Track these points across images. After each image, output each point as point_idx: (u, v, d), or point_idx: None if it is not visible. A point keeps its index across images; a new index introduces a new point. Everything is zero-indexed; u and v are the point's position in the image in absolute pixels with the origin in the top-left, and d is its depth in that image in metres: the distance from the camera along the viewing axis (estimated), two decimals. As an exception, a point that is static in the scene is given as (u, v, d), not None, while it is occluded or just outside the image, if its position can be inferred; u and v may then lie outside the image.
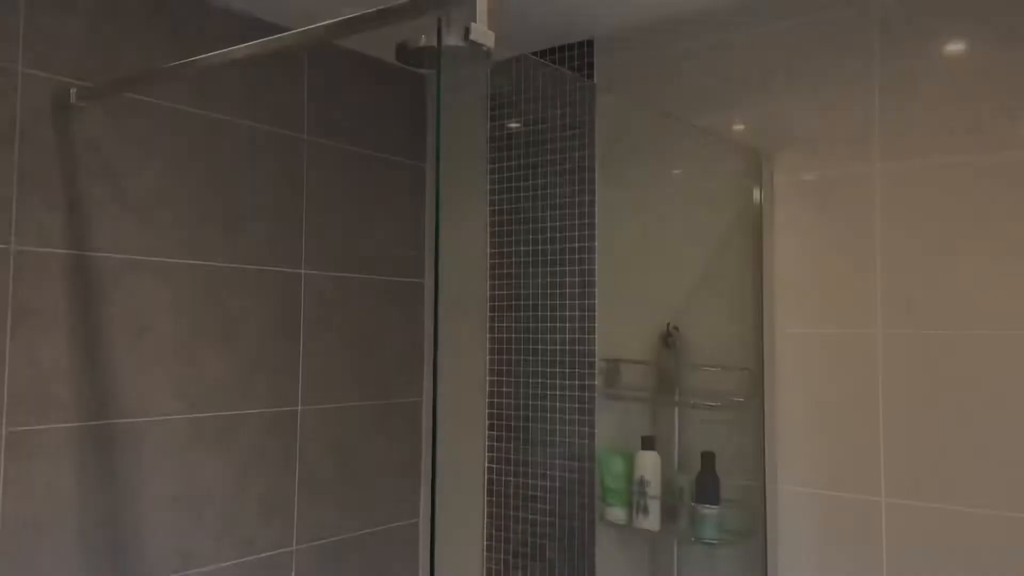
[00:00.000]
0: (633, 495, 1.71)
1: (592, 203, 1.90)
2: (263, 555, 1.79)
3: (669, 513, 1.71)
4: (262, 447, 1.79)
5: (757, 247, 1.66)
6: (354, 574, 1.97)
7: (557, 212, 1.96)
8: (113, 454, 1.55)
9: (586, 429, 1.89)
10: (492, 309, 2.08)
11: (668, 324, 1.77)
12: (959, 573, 1.43)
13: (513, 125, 2.04)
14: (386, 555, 2.05)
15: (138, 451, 1.58)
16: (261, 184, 1.80)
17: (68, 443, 1.48)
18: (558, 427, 1.94)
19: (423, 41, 1.01)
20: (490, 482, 2.05)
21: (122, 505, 1.55)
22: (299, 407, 1.87)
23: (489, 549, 2.03)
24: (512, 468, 2.02)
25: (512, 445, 2.02)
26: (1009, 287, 1.42)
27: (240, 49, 1.27)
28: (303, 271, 1.88)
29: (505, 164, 2.07)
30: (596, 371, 1.87)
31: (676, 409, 1.73)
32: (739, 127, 1.71)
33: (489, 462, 2.06)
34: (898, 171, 1.53)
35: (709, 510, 1.61)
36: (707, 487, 1.62)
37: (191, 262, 1.67)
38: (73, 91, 1.47)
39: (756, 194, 1.66)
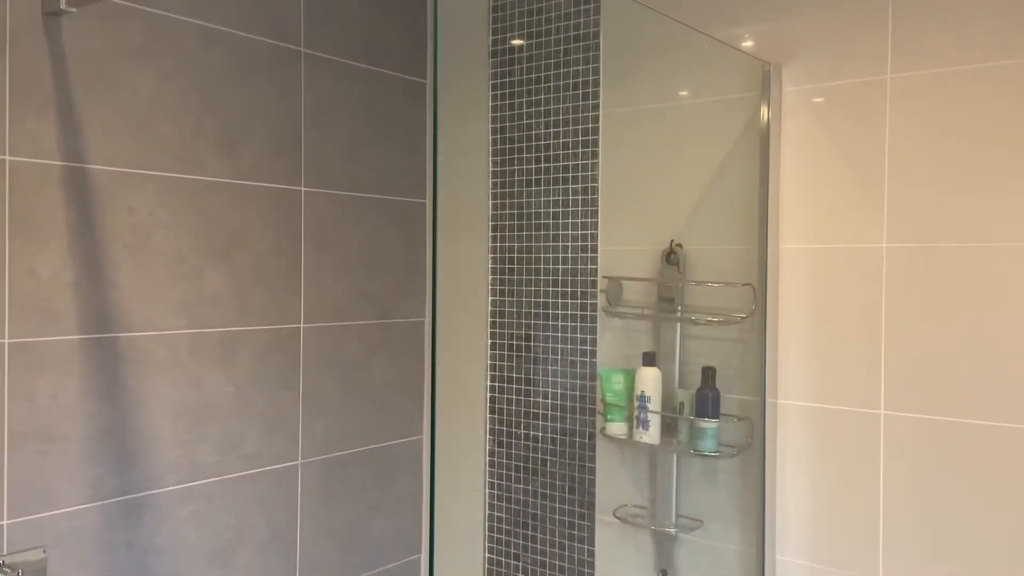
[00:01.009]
0: (633, 410, 1.73)
1: (596, 119, 1.87)
2: (269, 468, 1.82)
3: (669, 427, 1.72)
4: (264, 363, 1.80)
5: (763, 162, 1.63)
6: (360, 488, 2.01)
7: (560, 129, 1.93)
8: (116, 367, 1.56)
9: (587, 347, 1.90)
10: (494, 229, 2.07)
11: (671, 241, 1.75)
12: (956, 484, 1.44)
13: (516, 41, 1.99)
14: (391, 470, 2.09)
15: (140, 365, 1.59)
16: (258, 98, 1.77)
17: (71, 355, 1.49)
18: (560, 345, 1.95)
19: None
20: (492, 400, 2.07)
21: (127, 417, 1.57)
22: (301, 325, 1.88)
23: (491, 464, 2.07)
24: (514, 386, 2.03)
25: (514, 363, 2.03)
26: (1021, 199, 1.40)
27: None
28: (302, 188, 1.86)
29: (507, 80, 2.03)
30: (598, 289, 1.86)
31: (678, 325, 1.73)
32: (747, 42, 1.66)
33: (491, 380, 2.07)
34: (910, 81, 1.49)
35: (708, 424, 1.63)
36: (707, 401, 1.63)
37: (188, 177, 1.65)
38: (62, -4, 1.43)
39: (763, 110, 1.63)
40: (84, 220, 1.50)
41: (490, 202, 2.07)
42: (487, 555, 2.07)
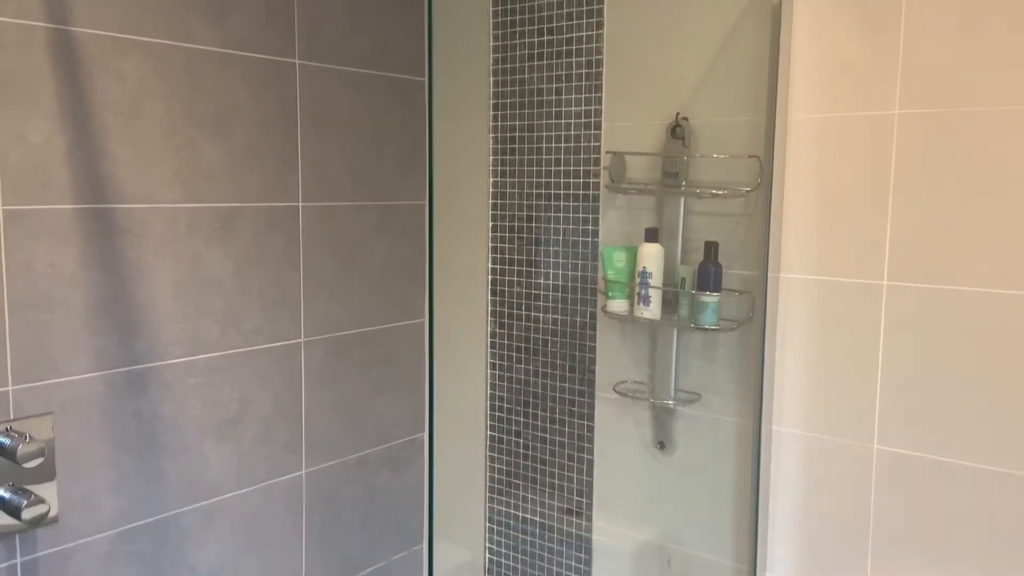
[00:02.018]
0: (635, 287, 1.72)
1: (601, -13, 1.79)
2: (271, 345, 1.83)
3: (669, 303, 1.72)
4: (263, 241, 1.79)
5: (775, 28, 1.57)
6: (362, 368, 2.03)
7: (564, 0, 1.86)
8: (113, 239, 1.54)
9: (589, 227, 1.88)
10: (495, 108, 2.02)
11: (677, 115, 1.71)
12: (956, 353, 1.45)
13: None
14: (393, 352, 2.11)
15: (138, 238, 1.58)
16: (248, -38, 1.69)
17: (67, 225, 1.48)
18: (561, 225, 1.93)
19: None
20: (493, 282, 2.07)
21: (127, 289, 1.57)
22: (299, 203, 1.86)
23: (492, 346, 2.08)
24: (515, 268, 2.03)
25: (515, 245, 2.02)
26: (1038, 60, 1.35)
27: None
28: (297, 61, 1.80)
29: (508, -53, 1.94)
30: (601, 167, 1.83)
31: (681, 200, 1.71)
32: None
33: (492, 263, 2.07)
34: (932, -64, 1.41)
35: (709, 297, 1.62)
36: (708, 275, 1.62)
37: (180, 44, 1.59)
38: None
39: (776, -27, 1.56)
40: (73, 85, 1.46)
41: (491, 79, 2.01)
42: (488, 432, 2.11)
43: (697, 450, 1.75)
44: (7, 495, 1.43)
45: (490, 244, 2.06)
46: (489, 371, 2.10)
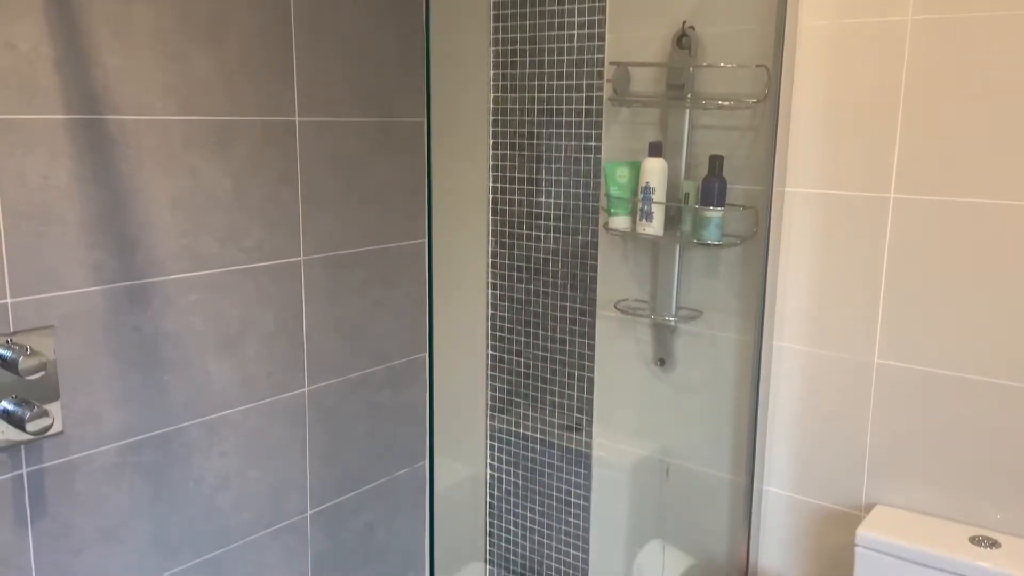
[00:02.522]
0: (637, 203, 1.70)
1: None
2: (271, 263, 1.82)
3: (672, 220, 1.70)
4: (260, 156, 1.76)
5: (786, -70, 1.51)
6: (363, 287, 2.02)
7: (567, -98, 1.78)
8: (107, 151, 1.52)
9: (592, 143, 1.84)
10: (495, 20, 1.96)
11: (683, 23, 1.66)
12: (961, 265, 1.43)
13: None
14: (394, 271, 2.10)
15: (132, 150, 1.55)
16: None
17: (59, 136, 1.45)
18: (563, 142, 1.89)
19: None
20: (494, 201, 2.05)
21: (123, 203, 1.55)
22: (295, 118, 1.82)
23: (494, 266, 2.07)
24: (516, 186, 2.00)
25: (516, 163, 1.98)
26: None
27: None
28: (291, -32, 1.74)
29: None
30: (604, 79, 1.78)
31: (686, 113, 1.67)
32: None
33: (493, 181, 2.04)
34: None
35: (713, 212, 1.60)
36: (713, 189, 1.60)
37: (167, -53, 1.54)
38: None
39: None
40: (58, -11, 1.41)
41: (491, -10, 1.95)
42: (489, 352, 2.12)
43: (697, 367, 1.75)
44: (11, 407, 1.44)
45: (491, 162, 2.03)
46: (490, 291, 2.09)
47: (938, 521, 1.47)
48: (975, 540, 1.39)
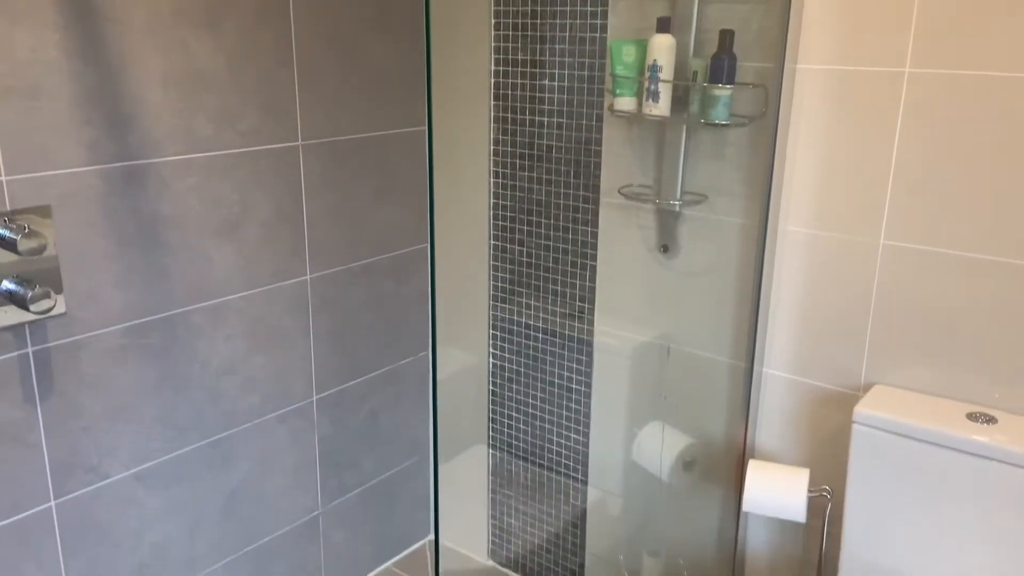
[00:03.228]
0: (644, 82, 1.65)
1: None
2: (269, 147, 1.78)
3: (679, 101, 1.66)
4: (254, 34, 1.70)
5: None
6: (363, 174, 1.99)
7: None
8: (94, 25, 1.46)
9: (598, 21, 1.78)
10: None
11: None
12: (974, 142, 1.40)
13: None
14: (394, 159, 2.06)
15: (121, 24, 1.49)
16: None
17: (44, 7, 1.39)
18: (568, 20, 1.82)
19: None
20: (496, 86, 1.99)
21: (114, 80, 1.50)
22: (291, -6, 1.75)
23: (496, 153, 2.03)
24: (519, 69, 1.94)
25: (519, 44, 1.92)
26: None
27: None
28: None
29: None
30: (611, -48, 1.71)
31: (696, -14, 1.60)
32: None
33: (495, 64, 1.98)
34: None
35: (721, 91, 1.56)
36: (722, 67, 1.55)
37: None
38: None
39: None
40: None
41: None
42: (492, 242, 2.10)
43: (701, 252, 1.74)
44: (12, 287, 1.43)
45: (492, 44, 1.96)
46: (492, 179, 2.06)
47: (936, 399, 1.49)
48: (972, 416, 1.41)
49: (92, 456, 1.59)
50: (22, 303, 1.43)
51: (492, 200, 2.07)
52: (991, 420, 1.40)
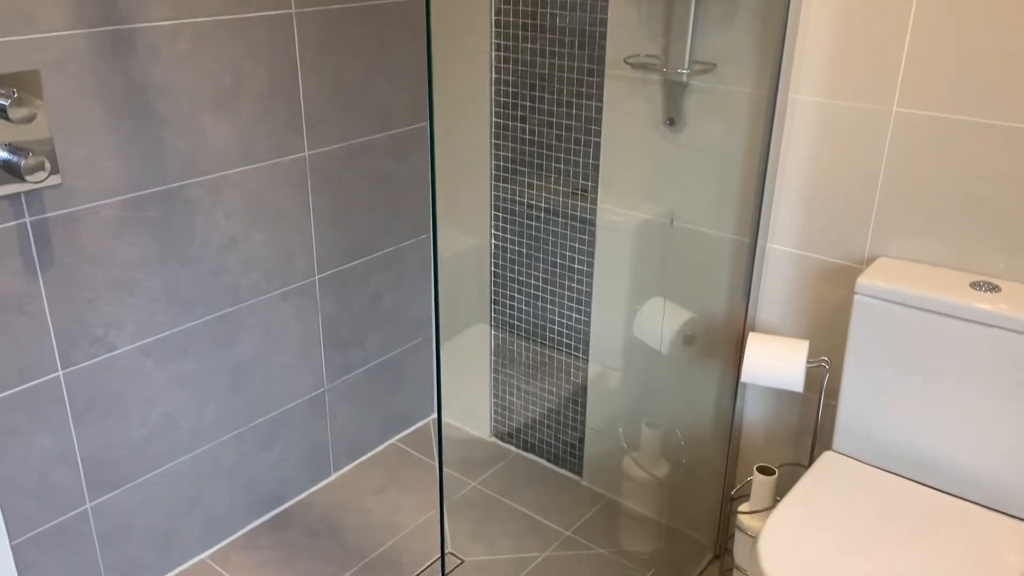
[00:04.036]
0: (652, -57, 1.57)
1: None
2: (261, 14, 1.72)
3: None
4: None
5: None
6: (358, 47, 1.93)
7: None
8: None
9: None
10: None
11: None
12: (989, 6, 1.34)
13: None
14: (390, 31, 1.99)
15: None
16: None
17: None
18: None
19: None
20: (498, -49, 1.90)
21: (97, -64, 1.43)
22: None
23: (498, 24, 1.96)
24: (521, -68, 1.85)
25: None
26: None
27: None
28: None
29: None
30: None
31: None
32: None
33: (496, -72, 1.88)
34: None
35: (735, -52, 1.48)
36: (736, -78, 1.47)
37: None
38: None
39: None
40: None
41: None
42: (493, 119, 2.05)
43: (708, 125, 1.70)
44: (6, 155, 1.41)
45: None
46: (493, 52, 1.99)
47: (939, 270, 1.48)
48: (975, 285, 1.41)
49: (97, 328, 1.60)
50: (16, 172, 1.41)
51: (493, 75, 2.01)
52: (994, 288, 1.39)
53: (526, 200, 2.07)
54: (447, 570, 1.91)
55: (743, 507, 1.71)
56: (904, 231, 1.53)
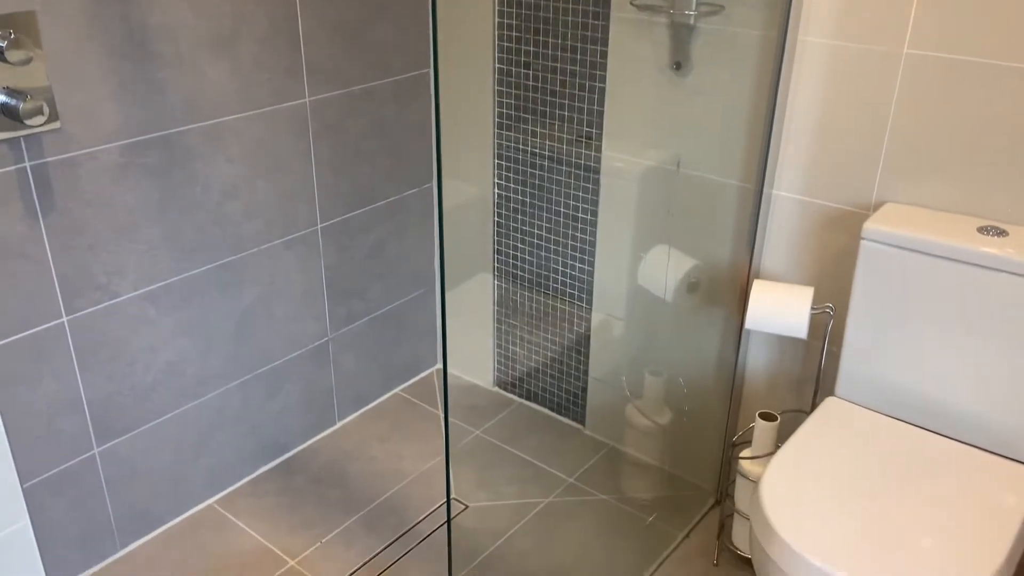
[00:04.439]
0: None
1: None
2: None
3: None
4: None
5: None
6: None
7: None
8: None
9: None
10: None
11: None
12: (1012, -63, 1.31)
13: None
14: (392, -26, 1.95)
15: None
16: None
17: None
18: None
19: None
20: None
21: None
22: None
23: (500, -32, 1.92)
24: None
25: None
26: None
27: None
28: None
29: None
30: None
31: None
32: None
33: None
34: None
35: None
36: None
37: None
38: None
39: None
40: None
41: None
42: (496, 65, 2.02)
43: (715, 68, 1.67)
44: (3, 99, 1.39)
45: None
46: (497, -3, 1.96)
47: (946, 215, 1.47)
48: (983, 230, 1.40)
49: (100, 275, 1.60)
50: (15, 116, 1.39)
51: (496, 20, 1.98)
52: (1002, 233, 1.38)
53: (530, 148, 2.05)
54: (452, 515, 1.94)
55: (744, 453, 1.73)
56: (912, 176, 1.51)
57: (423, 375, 2.45)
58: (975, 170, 1.44)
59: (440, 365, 2.50)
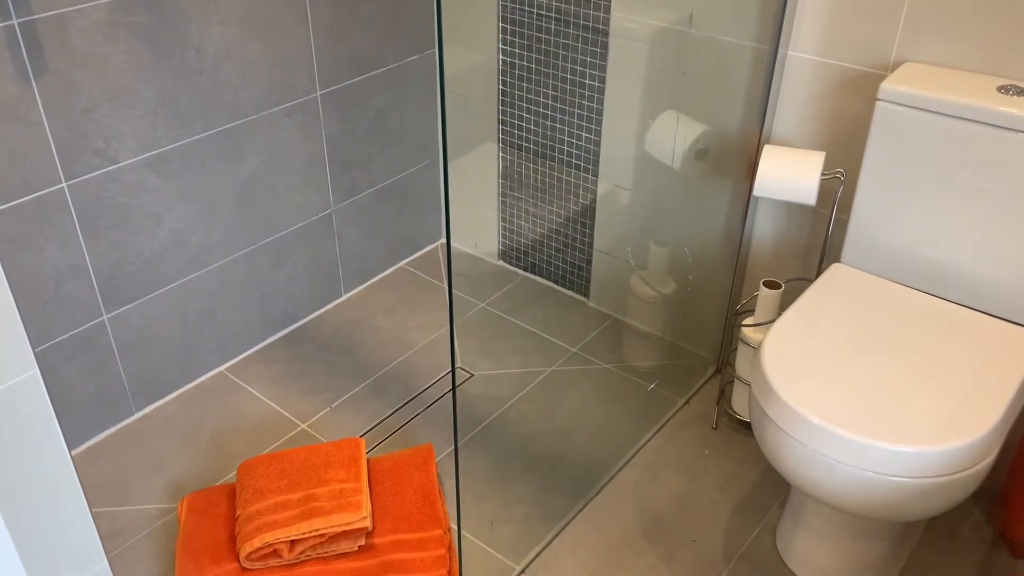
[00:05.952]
0: None
1: None
2: None
3: None
4: None
5: None
6: None
7: None
8: None
9: None
10: None
11: None
12: None
13: None
14: None
15: None
16: None
17: None
18: None
19: None
20: None
21: None
22: None
23: None
24: None
25: None
26: None
27: None
28: None
29: None
30: None
31: None
32: None
33: None
34: None
35: None
36: None
37: None
38: None
39: None
40: None
41: None
42: (501, 25, 1.91)
43: (732, -81, 1.58)
44: (-18, -52, 1.32)
45: None
46: None
47: (966, 74, 1.41)
48: (1003, 89, 1.35)
49: (97, 139, 1.57)
50: (-4, -33, 1.33)
51: None
52: (1022, 92, 1.34)
53: (535, 11, 1.96)
54: (457, 383, 1.98)
55: (747, 321, 1.74)
56: (933, 33, 1.45)
57: (428, 249, 2.45)
58: (997, 26, 1.38)
59: (444, 239, 2.49)
